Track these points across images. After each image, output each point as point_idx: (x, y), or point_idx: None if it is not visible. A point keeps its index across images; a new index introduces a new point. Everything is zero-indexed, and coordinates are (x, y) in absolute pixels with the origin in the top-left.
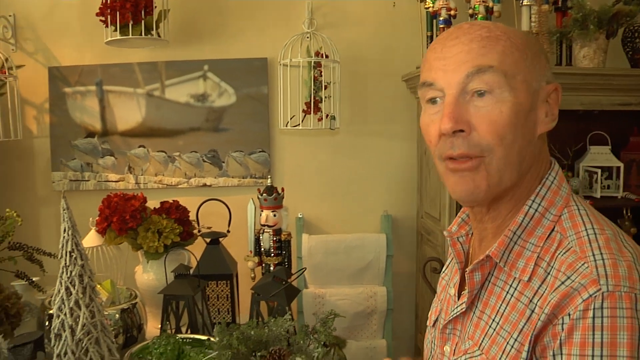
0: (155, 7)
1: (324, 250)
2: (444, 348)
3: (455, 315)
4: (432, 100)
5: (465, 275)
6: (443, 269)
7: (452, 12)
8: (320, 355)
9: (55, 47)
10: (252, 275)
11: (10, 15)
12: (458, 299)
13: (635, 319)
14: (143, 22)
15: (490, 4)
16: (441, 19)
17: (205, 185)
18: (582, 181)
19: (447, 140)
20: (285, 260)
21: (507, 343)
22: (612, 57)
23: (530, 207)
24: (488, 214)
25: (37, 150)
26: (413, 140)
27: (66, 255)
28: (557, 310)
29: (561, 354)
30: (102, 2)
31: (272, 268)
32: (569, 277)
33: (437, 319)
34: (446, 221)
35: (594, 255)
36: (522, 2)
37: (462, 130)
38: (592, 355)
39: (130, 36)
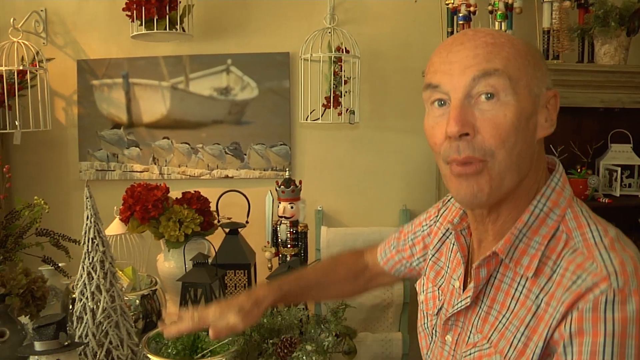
0: (180, 2)
1: (342, 242)
2: (446, 337)
3: (459, 308)
4: (438, 102)
5: (472, 271)
6: (433, 252)
7: (472, 9)
8: (330, 344)
9: (83, 41)
10: (269, 265)
11: (41, 10)
12: (463, 292)
13: None
14: (168, 16)
15: (510, 1)
16: (461, 15)
17: (227, 176)
18: (602, 179)
19: (453, 144)
20: (302, 252)
21: (515, 337)
22: (635, 55)
23: (535, 206)
24: (489, 216)
25: (65, 141)
26: None
27: (88, 241)
28: (571, 307)
29: (571, 344)
30: None
31: (288, 259)
32: (579, 277)
33: (440, 308)
34: None
35: (601, 255)
36: None
37: (467, 134)
38: (604, 344)
39: (155, 30)
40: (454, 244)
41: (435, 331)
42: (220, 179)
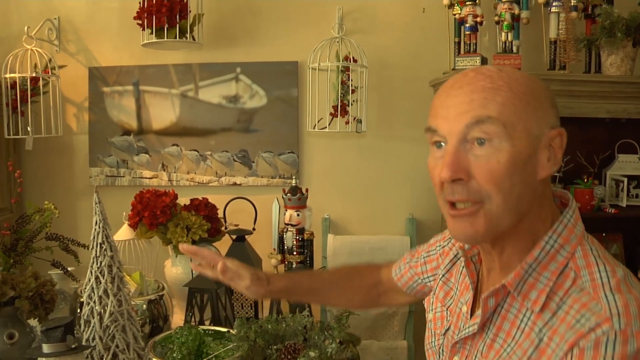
0: (190, 11)
1: (348, 250)
2: (453, 359)
3: (467, 334)
4: (437, 144)
5: (480, 300)
6: (443, 273)
7: (479, 19)
8: (334, 351)
9: (95, 49)
10: (275, 272)
11: (55, 18)
12: (470, 317)
13: None
14: (178, 25)
15: (517, 11)
16: (467, 25)
17: (235, 184)
18: (609, 190)
19: (448, 186)
20: (307, 259)
21: None
22: None
23: (546, 242)
24: (494, 249)
25: (76, 147)
26: None
27: (97, 246)
28: (573, 345)
29: None
30: (140, 6)
31: (294, 266)
32: (583, 316)
33: (448, 329)
34: None
35: (606, 296)
36: (550, 9)
37: (461, 179)
38: None
39: (166, 39)
40: (463, 267)
41: (442, 350)
42: (228, 186)
